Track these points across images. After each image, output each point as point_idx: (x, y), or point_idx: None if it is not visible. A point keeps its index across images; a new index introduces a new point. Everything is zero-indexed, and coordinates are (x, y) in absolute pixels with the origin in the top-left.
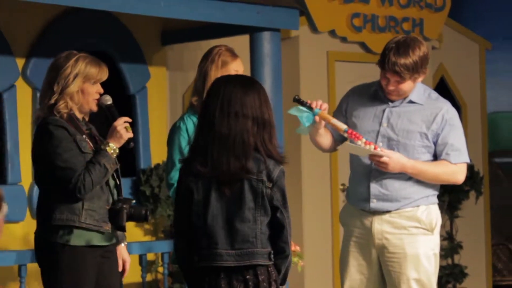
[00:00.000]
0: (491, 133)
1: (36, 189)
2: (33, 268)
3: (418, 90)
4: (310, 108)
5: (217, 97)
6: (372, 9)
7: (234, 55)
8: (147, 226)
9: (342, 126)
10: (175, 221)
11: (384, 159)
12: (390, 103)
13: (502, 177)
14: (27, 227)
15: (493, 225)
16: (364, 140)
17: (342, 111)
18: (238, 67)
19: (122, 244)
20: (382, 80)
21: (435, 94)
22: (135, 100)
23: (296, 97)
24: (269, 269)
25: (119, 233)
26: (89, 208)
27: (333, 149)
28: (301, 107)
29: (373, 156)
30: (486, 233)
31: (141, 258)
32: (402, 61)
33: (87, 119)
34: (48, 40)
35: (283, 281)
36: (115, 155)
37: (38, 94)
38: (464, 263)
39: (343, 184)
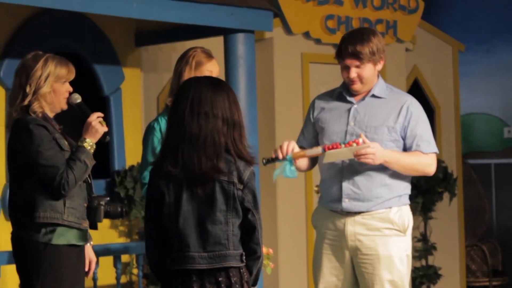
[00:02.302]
0: (464, 134)
1: (9, 191)
2: (7, 270)
3: (380, 85)
4: (283, 159)
5: (187, 97)
6: (346, 11)
7: (209, 56)
8: (121, 228)
9: (318, 150)
10: (146, 223)
11: (370, 149)
12: (354, 102)
13: (475, 179)
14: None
15: (466, 227)
16: (342, 144)
17: (310, 120)
18: (212, 67)
19: (88, 244)
20: (343, 73)
21: (397, 89)
22: (109, 102)
23: (264, 160)
24: (241, 270)
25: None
26: (70, 206)
27: (311, 167)
28: (277, 163)
29: (358, 152)
30: (460, 234)
31: (116, 259)
32: (358, 43)
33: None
34: (21, 41)
35: (255, 282)
36: (92, 151)
37: None
38: (438, 264)
39: (317, 186)
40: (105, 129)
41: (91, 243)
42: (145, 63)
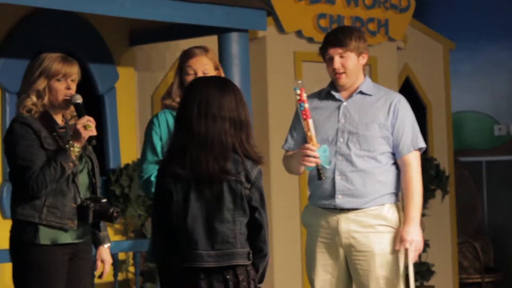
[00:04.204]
0: (455, 132)
1: (6, 189)
2: (7, 268)
3: (367, 82)
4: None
5: (194, 98)
6: (338, 10)
7: (190, 54)
8: (117, 226)
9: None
10: (153, 222)
11: (409, 244)
12: (343, 100)
13: (467, 176)
14: None
15: (458, 224)
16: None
17: (299, 121)
18: (195, 64)
19: (105, 246)
20: (328, 68)
21: (384, 87)
22: (103, 101)
23: (322, 177)
24: (248, 268)
25: (102, 234)
26: (51, 205)
27: (302, 172)
28: (321, 155)
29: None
30: (452, 231)
31: (113, 257)
32: (339, 33)
33: (69, 118)
34: (16, 41)
35: (261, 280)
36: (76, 154)
37: (7, 95)
38: (431, 261)
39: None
40: (90, 133)
41: (108, 245)
42: (139, 62)
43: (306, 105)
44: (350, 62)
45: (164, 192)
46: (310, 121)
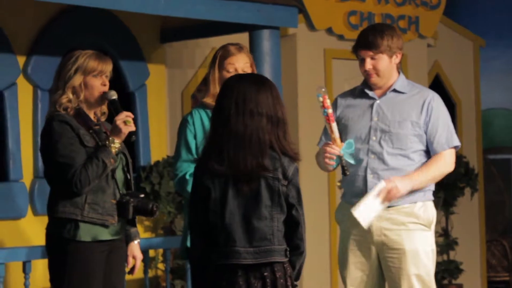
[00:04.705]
0: (484, 130)
1: (37, 186)
2: (38, 265)
3: (402, 80)
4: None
5: (231, 96)
6: (368, 7)
7: (232, 51)
8: (146, 223)
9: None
10: (191, 219)
11: (390, 186)
12: (377, 98)
13: (496, 174)
14: (28, 224)
15: (487, 222)
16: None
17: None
18: (236, 61)
19: (135, 242)
20: (360, 68)
21: (418, 85)
22: (134, 98)
23: (346, 172)
24: (285, 265)
25: (132, 230)
26: (92, 202)
27: (331, 170)
28: (345, 152)
29: (383, 198)
30: (481, 229)
31: (143, 254)
32: (371, 34)
33: (100, 115)
34: (48, 38)
35: (297, 277)
36: (116, 150)
37: (39, 92)
38: (460, 259)
39: (340, 181)
40: (130, 128)
41: (139, 240)
42: (169, 59)
43: (330, 111)
44: (382, 64)
45: (202, 189)
46: (334, 124)
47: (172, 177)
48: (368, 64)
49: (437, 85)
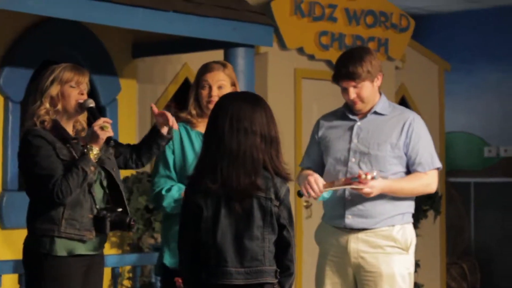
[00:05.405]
0: (446, 153)
1: (5, 199)
2: (6, 280)
3: (383, 101)
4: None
5: (226, 113)
6: (339, 28)
7: (208, 68)
8: (113, 239)
9: (340, 181)
10: (181, 238)
11: (366, 190)
12: (357, 120)
13: (456, 197)
14: None
15: (447, 244)
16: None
17: (315, 139)
18: (210, 79)
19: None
20: (344, 95)
21: (399, 106)
22: (105, 112)
23: (300, 194)
24: (275, 286)
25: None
26: (69, 217)
27: None
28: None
29: (355, 189)
30: (441, 252)
31: (114, 271)
32: (350, 64)
33: (80, 129)
34: (20, 50)
35: None
36: (96, 157)
37: (10, 104)
38: (421, 282)
39: (306, 201)
40: (108, 134)
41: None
42: (140, 75)
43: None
44: (365, 91)
45: (193, 208)
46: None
47: (141, 193)
48: (352, 93)
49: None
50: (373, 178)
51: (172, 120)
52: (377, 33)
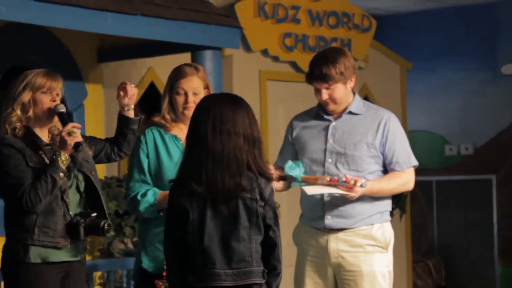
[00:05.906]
0: None
1: None
2: None
3: (357, 101)
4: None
5: (208, 115)
6: (303, 29)
7: (183, 73)
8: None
9: (326, 179)
10: (167, 241)
11: (352, 195)
12: (332, 120)
13: (420, 196)
14: None
15: (412, 243)
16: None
17: (289, 140)
18: (185, 85)
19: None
20: (316, 96)
21: (374, 105)
22: (72, 117)
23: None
24: (262, 287)
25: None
26: (42, 225)
27: (287, 188)
28: (292, 167)
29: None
30: (407, 250)
31: (89, 277)
32: (323, 66)
33: (56, 134)
34: None
35: None
36: (66, 163)
37: None
38: None
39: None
40: (76, 139)
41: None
42: (106, 79)
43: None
44: (338, 92)
45: (179, 211)
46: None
47: (111, 198)
48: (325, 94)
49: None
50: (361, 186)
51: (126, 83)
52: (340, 34)
